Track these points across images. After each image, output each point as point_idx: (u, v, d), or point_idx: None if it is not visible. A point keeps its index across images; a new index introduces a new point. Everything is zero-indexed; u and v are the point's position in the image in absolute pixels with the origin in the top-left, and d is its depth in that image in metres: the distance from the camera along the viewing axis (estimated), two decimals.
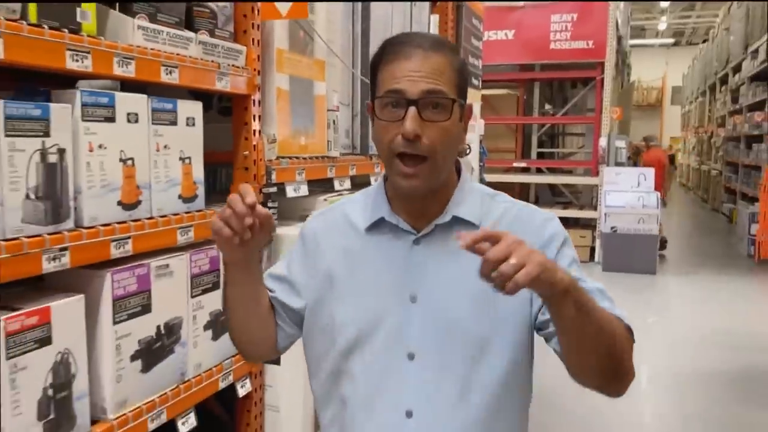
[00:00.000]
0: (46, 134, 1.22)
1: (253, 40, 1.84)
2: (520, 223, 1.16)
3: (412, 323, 1.13)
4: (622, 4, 9.00)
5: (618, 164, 7.92)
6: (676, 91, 25.65)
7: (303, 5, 1.82)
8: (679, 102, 25.23)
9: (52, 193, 1.23)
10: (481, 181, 4.92)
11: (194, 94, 1.79)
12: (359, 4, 2.52)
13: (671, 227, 10.74)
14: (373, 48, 2.52)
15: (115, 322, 1.40)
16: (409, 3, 3.04)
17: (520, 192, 8.62)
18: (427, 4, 3.35)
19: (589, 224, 8.15)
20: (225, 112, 2.05)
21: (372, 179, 2.64)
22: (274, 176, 1.93)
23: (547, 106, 9.48)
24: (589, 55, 7.61)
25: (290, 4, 1.81)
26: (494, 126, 7.72)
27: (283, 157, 2.00)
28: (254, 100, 1.86)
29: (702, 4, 19.32)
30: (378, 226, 1.18)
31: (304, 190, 2.11)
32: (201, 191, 1.66)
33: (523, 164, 8.52)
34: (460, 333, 1.12)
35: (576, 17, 7.49)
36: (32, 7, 1.18)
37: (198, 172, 1.65)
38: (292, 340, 1.27)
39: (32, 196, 1.20)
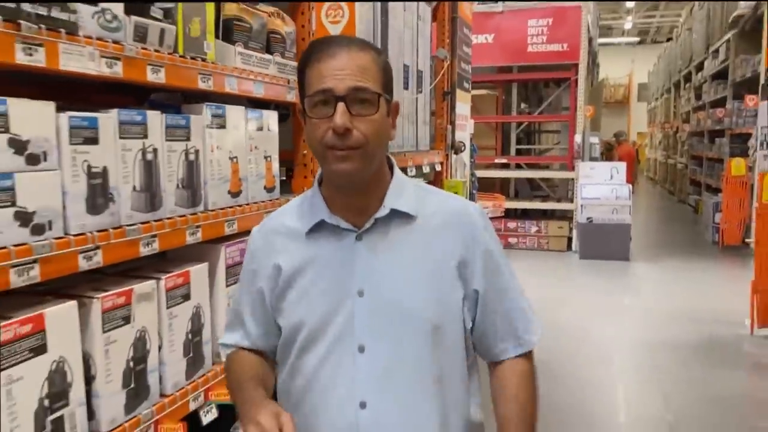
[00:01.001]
0: (188, 138, 1.60)
1: None
2: (456, 215, 1.24)
3: (361, 317, 1.17)
4: (592, 5, 9.51)
5: (592, 159, 8.44)
6: (642, 88, 26.38)
7: (351, 30, 2.22)
8: (645, 99, 25.95)
9: (192, 183, 1.61)
10: (473, 176, 5.36)
11: (253, 103, 2.17)
12: (379, 22, 2.92)
13: (641, 219, 11.32)
14: (391, 57, 2.94)
15: (227, 285, 1.78)
16: (415, 18, 3.45)
17: (501, 186, 9.10)
18: (429, 18, 3.76)
19: (566, 216, 8.66)
20: (281, 119, 2.43)
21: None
22: None
23: (523, 105, 9.98)
24: (564, 57, 8.11)
25: (340, 28, 2.21)
26: (475, 124, 8.15)
27: None
28: None
29: (665, 4, 20.07)
30: (318, 228, 1.20)
31: None
32: (278, 183, 2.05)
33: (503, 160, 9.00)
34: (409, 321, 1.17)
35: (551, 21, 7.98)
36: (180, 42, 1.55)
37: (275, 167, 2.04)
38: None
39: (180, 186, 1.58)
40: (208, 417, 1.69)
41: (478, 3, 7.92)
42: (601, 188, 7.85)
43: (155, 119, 1.48)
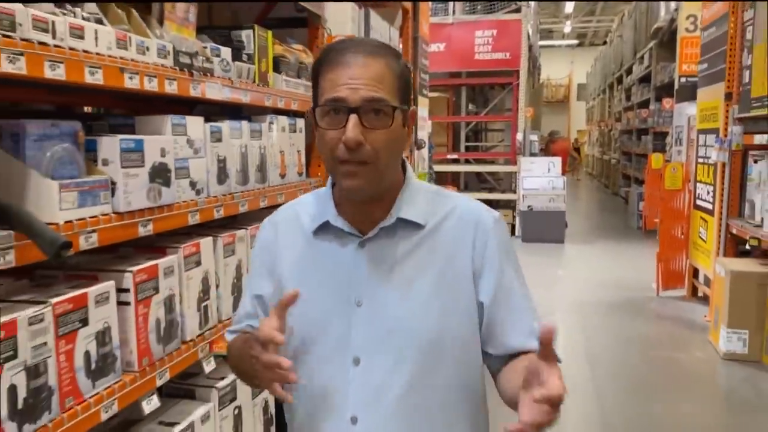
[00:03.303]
0: (260, 138, 2.43)
1: None
2: (468, 223, 1.16)
3: (357, 328, 1.12)
4: (533, 7, 10.54)
5: (532, 154, 9.51)
6: (581, 88, 27.84)
7: None
8: (584, 98, 27.44)
9: (262, 168, 2.45)
10: (430, 169, 6.28)
11: (276, 111, 2.99)
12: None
13: (578, 209, 12.51)
14: None
15: None
16: (388, 40, 4.32)
17: (452, 179, 10.08)
18: (397, 38, 4.63)
19: (509, 205, 9.71)
20: None
21: None
22: None
23: (471, 107, 10.99)
24: (507, 65, 9.13)
25: None
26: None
27: None
28: None
29: (601, 10, 21.55)
30: (324, 229, 1.16)
31: None
32: (305, 170, 2.89)
33: (454, 156, 9.98)
34: (407, 335, 1.11)
35: (496, 33, 8.99)
36: (256, 75, 2.38)
37: (303, 158, 2.87)
38: None
39: (257, 169, 2.41)
40: None
41: (432, 15, 8.85)
42: (539, 180, 8.91)
43: (246, 126, 2.31)
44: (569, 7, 19.57)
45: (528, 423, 0.87)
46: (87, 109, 2.56)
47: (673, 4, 9.49)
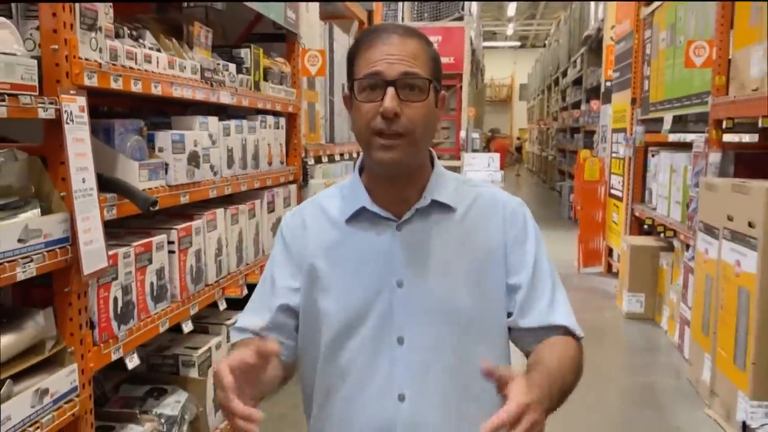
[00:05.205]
0: (254, 133, 3.09)
1: (297, 85, 3.74)
2: (495, 208, 1.22)
3: (399, 308, 1.16)
4: (475, 16, 11.35)
5: (474, 150, 10.36)
6: (523, 88, 28.98)
7: (323, 69, 3.75)
8: (525, 98, 28.59)
9: (256, 156, 3.11)
10: None
11: (257, 112, 3.65)
12: (328, 58, 4.45)
13: None
14: (337, 82, 4.48)
15: (268, 212, 3.28)
16: (347, 49, 5.00)
17: None
18: None
19: None
20: None
21: (336, 157, 4.61)
22: (305, 154, 3.86)
23: None
24: (451, 68, 9.91)
25: (317, 68, 3.74)
26: None
27: (307, 144, 3.91)
28: (298, 116, 3.76)
29: (541, 13, 22.72)
30: (357, 216, 1.19)
31: (312, 162, 4.05)
32: (285, 159, 3.56)
33: None
34: (449, 313, 1.15)
35: (441, 38, 9.76)
36: (252, 84, 3.04)
37: (284, 150, 3.54)
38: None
39: (252, 158, 3.07)
40: None
41: (383, 21, 9.55)
42: (480, 174, 9.74)
43: (245, 123, 2.97)
44: (511, 9, 20.62)
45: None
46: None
47: (600, 14, 10.49)
